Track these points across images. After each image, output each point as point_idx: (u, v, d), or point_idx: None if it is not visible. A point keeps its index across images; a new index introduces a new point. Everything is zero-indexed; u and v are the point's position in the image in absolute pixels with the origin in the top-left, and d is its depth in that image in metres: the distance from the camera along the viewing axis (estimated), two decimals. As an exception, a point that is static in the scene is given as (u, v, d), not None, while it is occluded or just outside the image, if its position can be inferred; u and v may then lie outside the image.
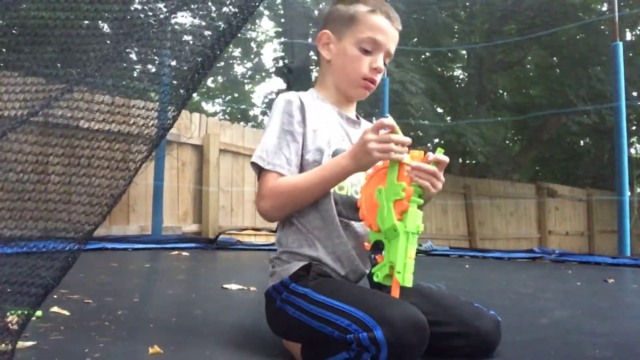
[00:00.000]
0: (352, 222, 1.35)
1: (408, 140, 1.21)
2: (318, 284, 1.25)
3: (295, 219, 1.35)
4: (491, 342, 1.32)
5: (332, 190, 1.34)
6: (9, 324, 0.94)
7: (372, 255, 1.21)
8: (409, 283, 1.15)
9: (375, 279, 1.19)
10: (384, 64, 1.44)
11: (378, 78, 1.43)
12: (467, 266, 3.47)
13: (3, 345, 0.90)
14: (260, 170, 1.35)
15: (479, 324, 1.30)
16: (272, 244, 5.05)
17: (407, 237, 1.16)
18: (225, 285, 2.41)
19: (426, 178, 1.20)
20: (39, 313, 1.53)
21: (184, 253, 4.15)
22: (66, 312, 1.67)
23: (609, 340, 1.63)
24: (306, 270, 1.28)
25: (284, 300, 1.27)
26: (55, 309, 1.69)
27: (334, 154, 1.36)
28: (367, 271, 1.37)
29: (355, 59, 1.40)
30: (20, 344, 1.19)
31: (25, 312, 0.94)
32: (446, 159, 1.23)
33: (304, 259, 1.32)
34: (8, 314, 0.94)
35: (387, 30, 1.41)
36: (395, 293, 1.16)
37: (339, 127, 1.44)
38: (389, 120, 1.22)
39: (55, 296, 1.87)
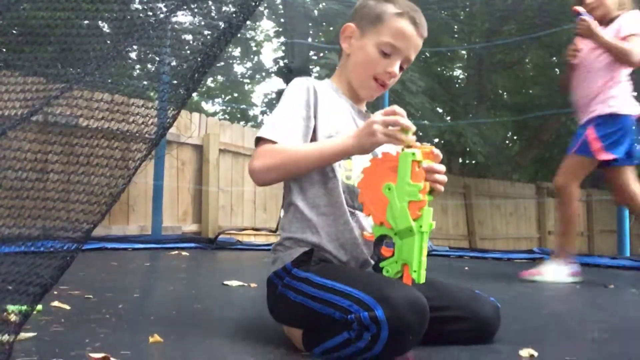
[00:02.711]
0: (357, 212, 1.35)
1: (413, 127, 1.20)
2: (320, 268, 1.26)
3: (301, 203, 1.35)
4: (491, 326, 1.35)
5: (340, 179, 1.34)
6: (9, 318, 0.94)
7: (377, 248, 1.22)
8: (423, 279, 1.17)
9: (385, 274, 1.19)
10: (402, 68, 1.42)
11: (390, 82, 1.43)
12: (466, 268, 3.46)
13: (4, 336, 0.90)
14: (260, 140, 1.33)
15: (479, 308, 1.33)
16: (272, 244, 5.06)
17: (422, 237, 1.16)
18: (225, 282, 2.41)
19: (439, 179, 1.21)
20: (39, 307, 1.54)
21: (184, 253, 4.14)
22: (67, 307, 1.68)
23: (607, 326, 1.64)
24: (308, 256, 1.29)
25: (285, 285, 1.28)
26: (55, 303, 1.70)
27: None
28: (368, 258, 1.37)
29: (371, 59, 1.39)
30: (21, 335, 1.20)
31: (25, 307, 0.94)
32: (440, 153, 1.25)
33: (306, 245, 1.32)
34: (9, 307, 0.94)
35: (410, 36, 1.39)
36: None
37: (350, 119, 1.44)
38: (400, 109, 1.21)
39: (55, 292, 1.88)
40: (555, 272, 2.47)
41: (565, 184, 2.57)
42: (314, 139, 1.36)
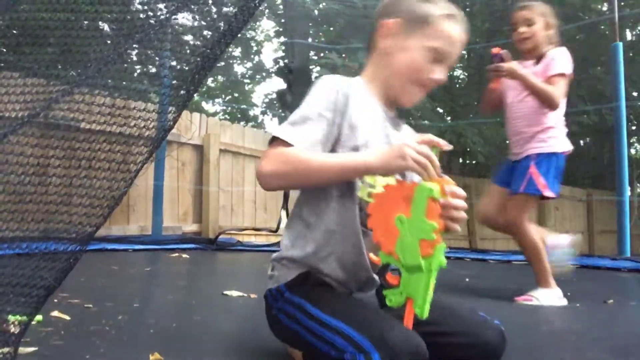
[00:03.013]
0: (370, 232, 1.22)
1: (439, 167, 1.12)
2: (314, 294, 1.21)
3: (311, 218, 1.25)
4: (497, 352, 1.29)
5: (359, 196, 1.23)
6: (11, 327, 0.94)
7: (383, 276, 1.16)
8: (426, 315, 1.09)
9: (388, 303, 1.12)
10: None
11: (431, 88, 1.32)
12: (467, 280, 3.44)
13: (5, 348, 0.90)
14: (275, 139, 1.20)
15: (485, 335, 1.26)
16: (272, 244, 5.06)
17: (430, 274, 1.09)
18: (225, 292, 2.38)
19: (457, 217, 1.12)
20: (39, 317, 1.53)
21: (184, 255, 4.14)
22: (66, 317, 1.67)
23: (608, 343, 1.63)
24: (304, 278, 1.24)
25: (279, 309, 1.24)
26: (55, 313, 1.69)
27: None
28: (372, 275, 1.30)
29: (417, 64, 1.28)
30: (21, 349, 1.19)
31: (26, 317, 0.94)
32: (463, 192, 1.14)
33: (303, 266, 1.25)
34: (9, 317, 0.94)
35: (458, 41, 1.30)
36: (409, 324, 1.10)
37: (380, 128, 1.32)
38: (443, 142, 1.13)
39: (55, 300, 1.87)
40: (548, 298, 2.49)
41: (516, 221, 2.59)
42: (335, 148, 1.24)
